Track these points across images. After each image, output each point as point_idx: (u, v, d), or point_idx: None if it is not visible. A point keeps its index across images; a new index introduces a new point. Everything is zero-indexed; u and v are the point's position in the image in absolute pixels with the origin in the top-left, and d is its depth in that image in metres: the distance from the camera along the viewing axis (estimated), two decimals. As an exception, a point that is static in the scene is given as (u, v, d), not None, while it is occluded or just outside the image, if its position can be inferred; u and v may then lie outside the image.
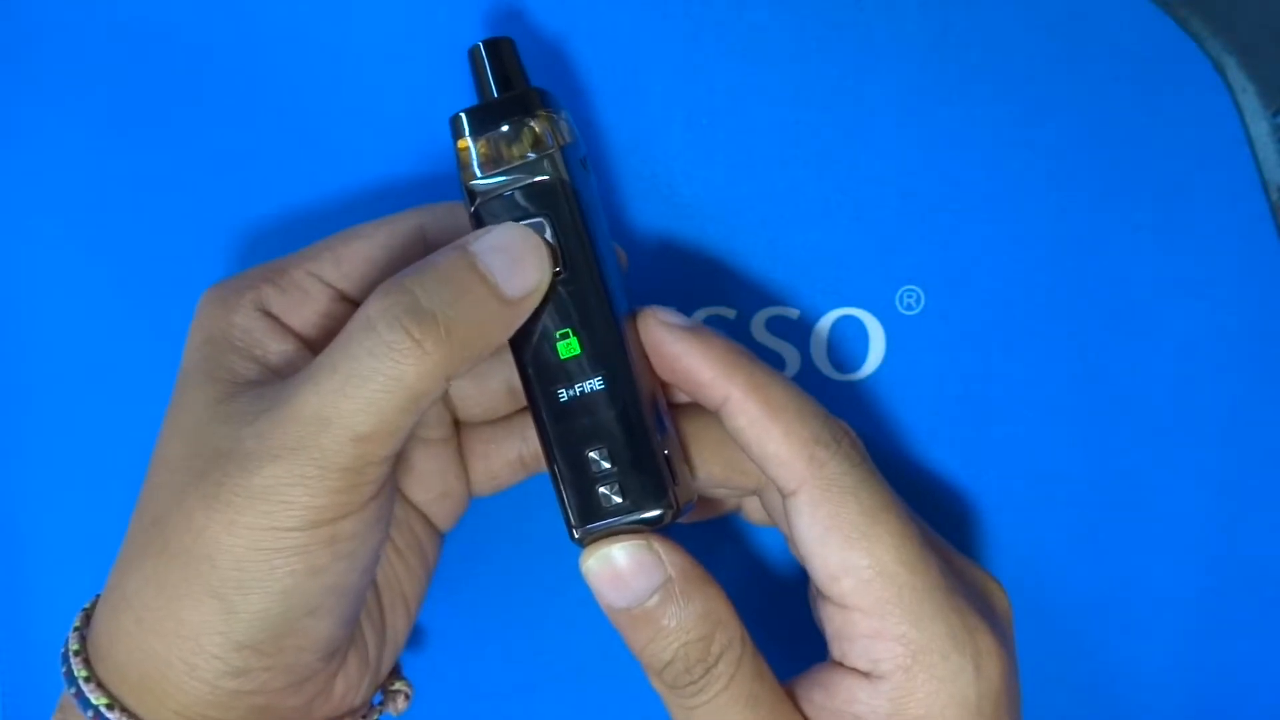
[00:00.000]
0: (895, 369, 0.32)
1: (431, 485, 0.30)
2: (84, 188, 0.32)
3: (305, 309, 0.27)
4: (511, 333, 0.25)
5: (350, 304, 0.28)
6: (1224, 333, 0.31)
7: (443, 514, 0.30)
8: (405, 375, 0.23)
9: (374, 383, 0.23)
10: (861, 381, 0.32)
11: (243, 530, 0.23)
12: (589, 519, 0.26)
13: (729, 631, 0.26)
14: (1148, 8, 0.30)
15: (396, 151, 0.31)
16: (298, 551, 0.24)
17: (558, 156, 0.26)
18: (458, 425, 0.30)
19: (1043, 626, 0.33)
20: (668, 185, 0.31)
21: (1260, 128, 0.30)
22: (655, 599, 0.26)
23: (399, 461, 0.28)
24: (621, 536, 0.26)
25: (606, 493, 0.26)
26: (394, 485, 0.27)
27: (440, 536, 0.31)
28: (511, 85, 0.27)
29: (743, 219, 0.31)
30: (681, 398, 0.29)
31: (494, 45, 0.27)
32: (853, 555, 0.25)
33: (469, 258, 0.24)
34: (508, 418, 0.30)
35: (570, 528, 0.26)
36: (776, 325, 0.32)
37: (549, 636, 0.34)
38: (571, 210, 0.26)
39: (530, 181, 0.26)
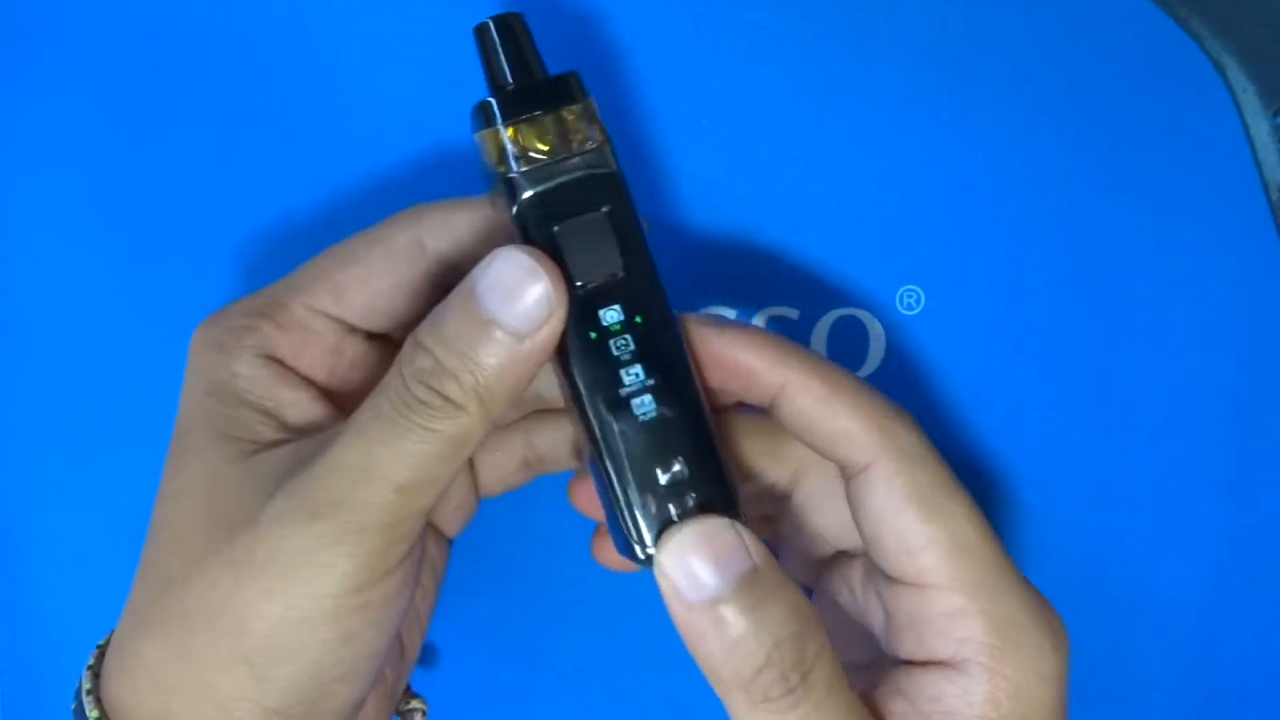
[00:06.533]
0: (895, 369, 0.32)
1: (445, 498, 0.28)
2: (79, 185, 0.32)
3: (313, 349, 0.26)
4: (539, 366, 0.24)
5: (361, 336, 0.27)
6: (1224, 333, 0.31)
7: (455, 523, 0.30)
8: (445, 429, 0.23)
9: (413, 434, 0.23)
10: (861, 381, 0.32)
11: (278, 597, 0.22)
12: (658, 535, 0.24)
13: (821, 631, 0.24)
14: (1148, 8, 0.30)
15: (389, 139, 0.31)
16: (331, 619, 0.23)
17: (608, 147, 0.24)
18: None
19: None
20: (667, 186, 0.31)
21: (1260, 128, 0.30)
22: (741, 591, 0.23)
23: None
24: (697, 520, 0.24)
25: (678, 507, 0.24)
26: (422, 547, 0.26)
27: (450, 544, 0.30)
28: (527, 66, 0.25)
29: (742, 219, 0.31)
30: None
31: (506, 23, 0.25)
32: (931, 527, 0.24)
33: (476, 302, 0.23)
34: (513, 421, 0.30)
35: (639, 547, 0.24)
36: (777, 325, 0.32)
37: (553, 638, 0.34)
38: (626, 205, 0.24)
39: (584, 174, 0.24)
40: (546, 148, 0.24)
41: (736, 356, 0.25)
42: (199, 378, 0.25)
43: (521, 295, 0.23)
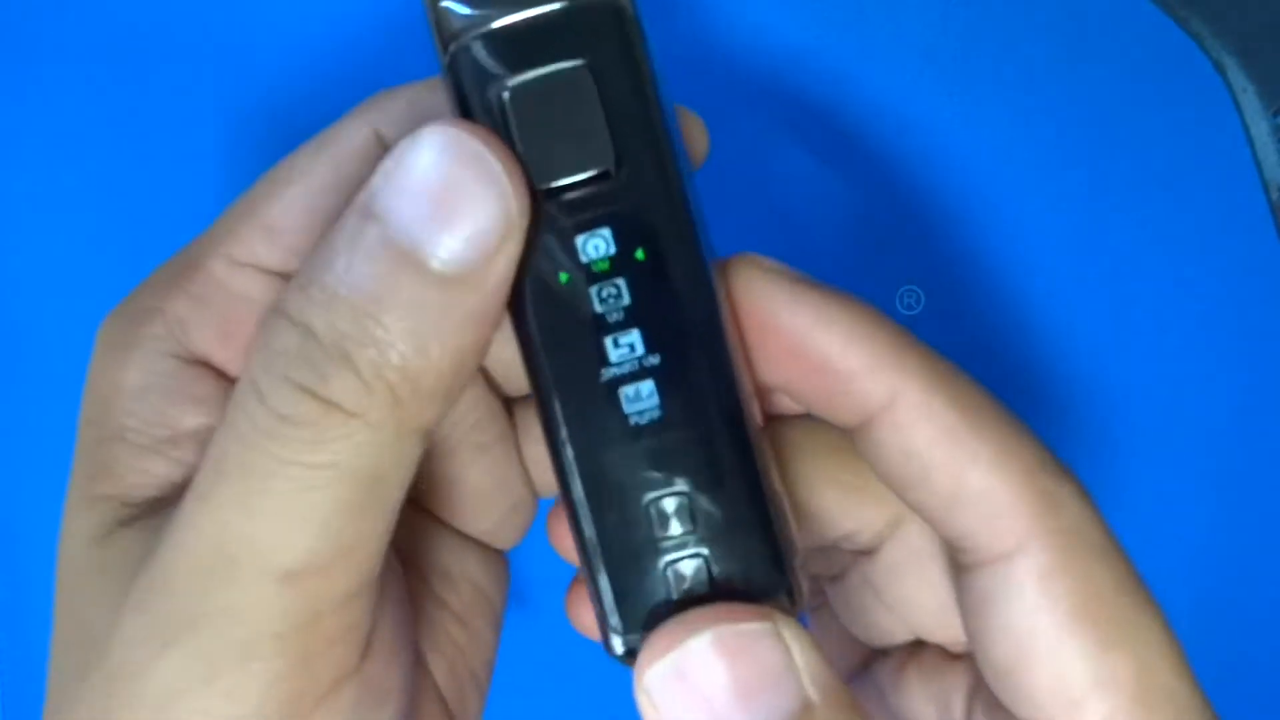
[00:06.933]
0: (895, 369, 0.32)
1: (497, 503, 0.21)
2: (78, 182, 0.32)
3: (250, 328, 0.17)
4: (493, 326, 0.15)
5: None
6: (1224, 332, 0.31)
7: (512, 531, 0.21)
8: (339, 459, 0.14)
9: (282, 480, 0.14)
10: (861, 381, 0.32)
11: None
12: (649, 619, 0.15)
13: None
14: (1148, 8, 0.30)
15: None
16: None
17: None
18: (508, 407, 0.21)
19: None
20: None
21: (1260, 128, 0.30)
22: None
23: (443, 488, 0.19)
24: (710, 621, 0.14)
25: (680, 580, 0.15)
26: (403, 628, 0.18)
27: (506, 560, 0.22)
28: None
29: (741, 219, 0.31)
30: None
31: None
32: (1112, 661, 0.15)
33: (379, 223, 0.14)
34: None
35: (615, 636, 0.15)
36: (776, 325, 0.32)
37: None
38: (630, 57, 0.15)
39: (565, 6, 0.15)
40: None
41: (818, 338, 0.16)
42: (88, 397, 0.18)
43: (458, 205, 0.14)
